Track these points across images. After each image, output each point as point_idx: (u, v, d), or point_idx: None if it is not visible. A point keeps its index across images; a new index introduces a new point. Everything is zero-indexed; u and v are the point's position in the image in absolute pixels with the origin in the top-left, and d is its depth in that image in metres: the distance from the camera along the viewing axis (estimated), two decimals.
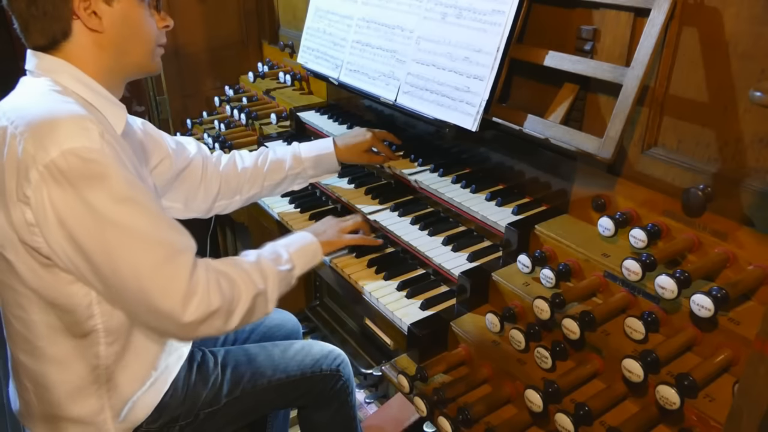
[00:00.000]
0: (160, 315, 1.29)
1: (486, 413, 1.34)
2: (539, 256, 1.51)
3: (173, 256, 1.28)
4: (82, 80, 1.35)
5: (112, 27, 1.35)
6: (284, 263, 1.56)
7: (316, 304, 3.14)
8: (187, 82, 3.05)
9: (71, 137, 1.19)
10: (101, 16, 1.33)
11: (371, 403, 2.58)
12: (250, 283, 1.43)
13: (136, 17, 1.38)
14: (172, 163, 1.76)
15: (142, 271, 1.25)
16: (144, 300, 1.27)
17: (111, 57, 1.38)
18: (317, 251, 1.68)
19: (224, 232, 3.34)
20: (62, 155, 1.18)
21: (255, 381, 1.70)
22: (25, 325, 1.38)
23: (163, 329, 1.36)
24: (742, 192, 1.29)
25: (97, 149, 1.21)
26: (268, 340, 2.00)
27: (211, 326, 1.35)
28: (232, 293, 1.38)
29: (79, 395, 1.43)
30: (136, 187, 1.27)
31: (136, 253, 1.25)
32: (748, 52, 1.24)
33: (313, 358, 1.81)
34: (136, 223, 1.25)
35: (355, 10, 2.18)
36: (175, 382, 1.58)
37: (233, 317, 1.38)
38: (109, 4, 1.33)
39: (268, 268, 1.49)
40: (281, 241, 1.64)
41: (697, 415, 1.14)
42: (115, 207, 1.22)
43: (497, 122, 1.69)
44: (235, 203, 1.97)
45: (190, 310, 1.29)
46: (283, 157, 1.97)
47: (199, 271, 1.33)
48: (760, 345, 0.83)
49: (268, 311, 1.50)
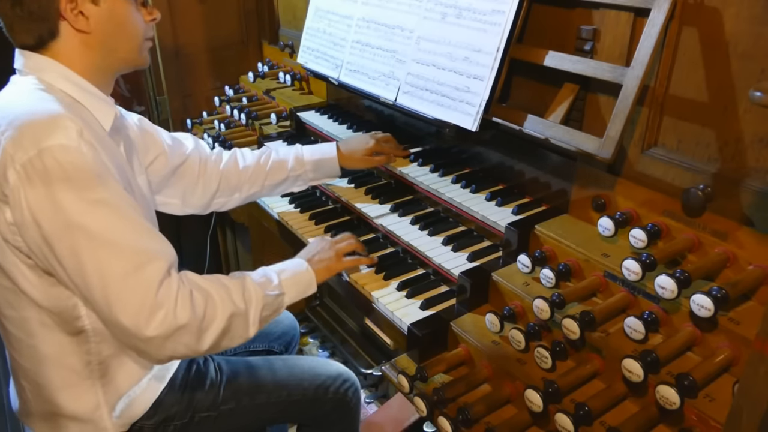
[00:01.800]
0: (121, 328, 1.23)
1: (486, 413, 1.34)
2: (539, 256, 1.51)
3: (143, 265, 1.23)
4: (69, 78, 1.34)
5: (99, 26, 1.34)
6: (273, 288, 1.48)
7: (316, 304, 3.14)
8: (187, 82, 3.05)
9: (48, 135, 1.19)
10: (88, 16, 1.32)
11: (371, 403, 2.58)
12: (228, 301, 1.35)
13: (123, 15, 1.37)
14: (167, 159, 1.75)
15: (109, 279, 1.21)
16: (108, 310, 1.22)
17: (99, 55, 1.37)
18: (311, 282, 1.59)
19: (224, 232, 3.34)
20: (38, 154, 1.17)
21: (254, 395, 1.66)
22: (18, 325, 1.38)
23: (128, 344, 1.29)
24: (742, 192, 1.29)
25: (74, 147, 1.19)
26: (267, 336, 2.01)
27: (178, 343, 1.27)
28: (204, 309, 1.30)
29: (74, 391, 1.43)
30: (112, 189, 1.24)
31: (104, 259, 1.21)
32: (748, 52, 1.24)
33: (319, 378, 1.75)
34: (108, 228, 1.21)
35: (355, 10, 2.18)
36: (172, 380, 1.58)
37: (205, 336, 1.31)
38: (96, 4, 1.33)
39: (253, 290, 1.42)
40: (274, 267, 1.57)
41: (697, 415, 1.14)
42: (87, 209, 1.19)
43: (497, 122, 1.69)
44: (234, 201, 1.95)
45: (153, 324, 1.22)
46: (285, 157, 1.96)
47: (170, 283, 1.26)
48: (760, 345, 0.83)
49: (248, 336, 1.41)
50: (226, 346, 1.38)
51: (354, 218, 2.04)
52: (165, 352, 1.28)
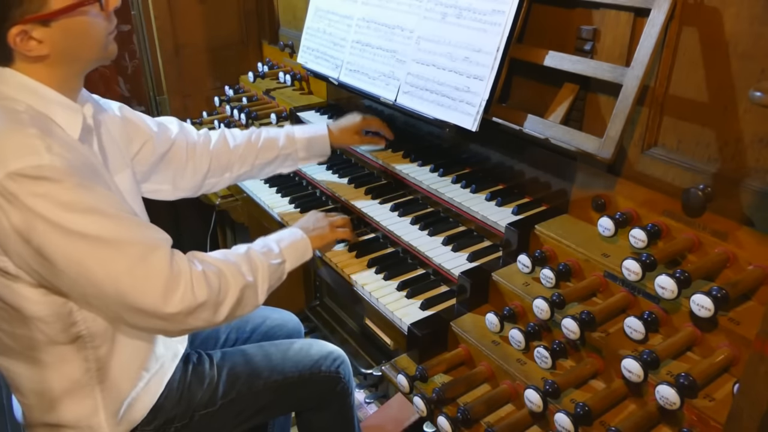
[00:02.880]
0: (142, 313, 1.28)
1: (486, 413, 1.34)
2: (539, 256, 1.51)
3: (146, 254, 1.27)
4: (30, 88, 1.27)
5: (55, 46, 1.25)
6: (275, 257, 1.56)
7: (316, 304, 3.14)
8: (187, 82, 3.05)
9: (16, 158, 1.15)
10: (41, 40, 1.23)
11: (371, 403, 2.58)
12: (238, 274, 1.42)
13: (79, 27, 1.28)
14: (154, 146, 1.73)
15: (118, 275, 1.24)
16: (124, 301, 1.26)
17: (60, 68, 1.30)
18: (307, 247, 1.68)
19: (224, 232, 3.34)
20: (9, 177, 1.14)
21: (251, 382, 1.69)
22: (12, 338, 1.37)
23: (149, 326, 1.35)
24: (742, 192, 1.29)
25: (47, 165, 1.16)
26: (269, 341, 2.00)
27: (198, 318, 1.34)
28: (219, 285, 1.37)
29: (72, 399, 1.42)
30: (94, 193, 1.23)
31: (109, 259, 1.23)
32: (748, 52, 1.24)
33: (312, 358, 1.79)
34: (103, 230, 1.22)
35: (355, 10, 2.18)
36: (170, 383, 1.58)
37: (221, 309, 1.38)
38: (46, 26, 1.22)
39: (258, 261, 1.50)
40: (272, 236, 1.64)
41: (697, 415, 1.14)
42: (78, 218, 1.19)
43: (497, 122, 1.69)
44: (225, 181, 1.95)
45: (173, 303, 1.28)
46: (276, 135, 1.97)
47: (180, 263, 1.32)
48: (760, 345, 0.83)
49: (258, 303, 1.50)
50: (239, 315, 1.45)
51: (354, 218, 2.03)
52: (185, 326, 1.36)
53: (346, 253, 1.86)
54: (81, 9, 1.25)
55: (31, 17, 1.20)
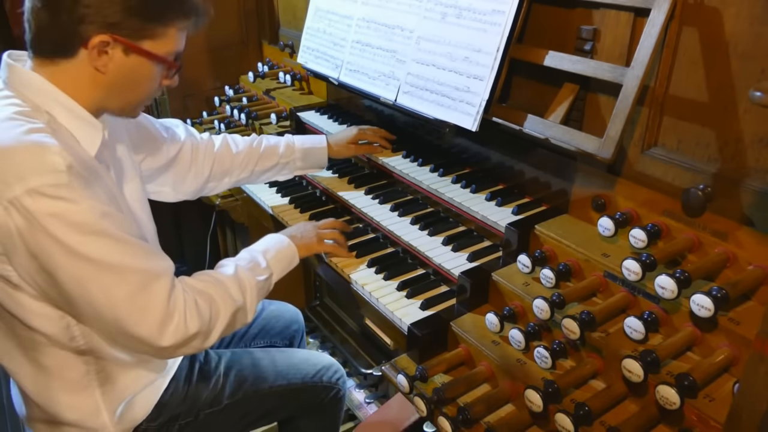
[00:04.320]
0: (136, 341, 1.29)
1: (486, 413, 1.34)
2: (539, 256, 1.51)
3: (148, 283, 1.27)
4: (59, 100, 1.28)
5: (116, 74, 1.29)
6: (262, 272, 1.55)
7: (316, 304, 3.14)
8: (187, 82, 3.05)
9: (36, 174, 1.14)
10: (112, 60, 1.27)
11: (371, 403, 2.58)
12: (228, 299, 1.43)
13: (143, 75, 1.33)
14: (163, 150, 1.76)
15: (117, 302, 1.24)
16: (120, 328, 1.27)
17: (100, 94, 1.32)
18: (294, 256, 1.68)
19: (224, 232, 3.34)
20: (27, 193, 1.14)
21: (257, 385, 1.71)
22: (14, 338, 1.38)
23: (142, 352, 1.37)
24: (742, 192, 1.29)
25: (65, 184, 1.16)
26: (268, 332, 2.03)
27: (189, 347, 1.35)
28: (210, 313, 1.37)
29: (74, 399, 1.43)
30: (107, 216, 1.23)
31: (110, 285, 1.23)
32: (748, 52, 1.24)
33: (315, 368, 1.83)
34: (109, 256, 1.22)
35: (355, 10, 2.18)
36: (175, 380, 1.58)
37: (212, 335, 1.39)
38: (126, 54, 1.27)
39: (246, 280, 1.49)
40: (257, 247, 1.64)
41: (697, 415, 1.14)
42: (87, 241, 1.19)
43: (497, 122, 1.69)
44: (224, 185, 1.98)
45: (167, 336, 1.29)
46: (276, 143, 2.01)
47: (177, 294, 1.32)
48: (760, 345, 0.83)
49: (247, 322, 1.51)
50: (229, 334, 1.47)
51: (354, 218, 2.04)
52: (176, 354, 1.38)
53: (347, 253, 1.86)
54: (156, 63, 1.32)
55: (122, 39, 1.25)
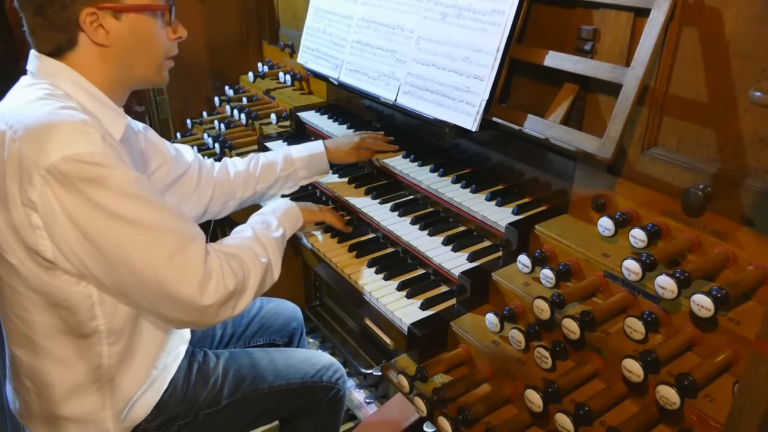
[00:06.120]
0: (179, 302, 1.31)
1: (486, 413, 1.34)
2: (539, 256, 1.51)
3: (185, 244, 1.31)
4: (82, 86, 1.35)
5: (118, 41, 1.35)
6: (276, 229, 1.63)
7: (316, 304, 3.14)
8: (187, 82, 3.05)
9: (73, 143, 1.20)
10: (108, 30, 1.33)
11: (371, 403, 2.58)
12: (256, 259, 1.47)
13: (145, 31, 1.37)
14: (170, 169, 1.77)
15: (158, 263, 1.27)
16: (162, 290, 1.29)
17: (116, 69, 1.38)
18: (299, 216, 1.76)
19: (224, 232, 3.34)
20: (64, 160, 1.18)
21: (256, 385, 1.71)
22: (28, 325, 1.38)
23: (182, 317, 1.37)
24: (742, 192, 1.29)
25: (100, 152, 1.22)
26: (267, 329, 2.04)
27: (227, 308, 1.39)
28: (243, 273, 1.42)
29: (80, 394, 1.43)
30: (140, 182, 1.28)
31: (150, 245, 1.27)
32: (748, 52, 1.24)
33: (315, 368, 1.83)
34: (146, 217, 1.26)
35: (355, 10, 2.18)
36: (174, 381, 1.59)
37: (246, 294, 1.43)
38: (117, 18, 1.33)
39: (266, 239, 1.55)
40: (266, 209, 1.71)
41: (697, 415, 1.14)
42: (124, 203, 1.24)
43: (497, 122, 1.69)
44: (229, 208, 1.99)
45: (208, 294, 1.32)
46: (274, 159, 2.00)
47: (212, 256, 1.36)
48: (760, 345, 0.83)
49: (275, 279, 1.55)
50: (260, 294, 1.50)
51: (354, 218, 2.04)
52: (217, 318, 1.39)
53: (347, 253, 1.86)
54: (149, 14, 1.36)
55: (104, 5, 1.29)
